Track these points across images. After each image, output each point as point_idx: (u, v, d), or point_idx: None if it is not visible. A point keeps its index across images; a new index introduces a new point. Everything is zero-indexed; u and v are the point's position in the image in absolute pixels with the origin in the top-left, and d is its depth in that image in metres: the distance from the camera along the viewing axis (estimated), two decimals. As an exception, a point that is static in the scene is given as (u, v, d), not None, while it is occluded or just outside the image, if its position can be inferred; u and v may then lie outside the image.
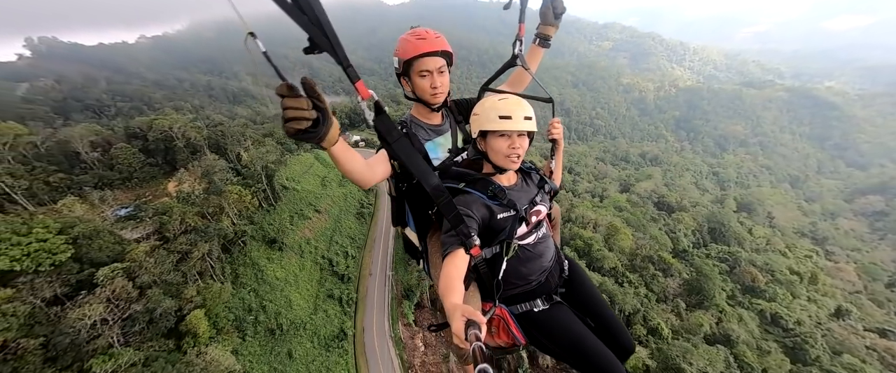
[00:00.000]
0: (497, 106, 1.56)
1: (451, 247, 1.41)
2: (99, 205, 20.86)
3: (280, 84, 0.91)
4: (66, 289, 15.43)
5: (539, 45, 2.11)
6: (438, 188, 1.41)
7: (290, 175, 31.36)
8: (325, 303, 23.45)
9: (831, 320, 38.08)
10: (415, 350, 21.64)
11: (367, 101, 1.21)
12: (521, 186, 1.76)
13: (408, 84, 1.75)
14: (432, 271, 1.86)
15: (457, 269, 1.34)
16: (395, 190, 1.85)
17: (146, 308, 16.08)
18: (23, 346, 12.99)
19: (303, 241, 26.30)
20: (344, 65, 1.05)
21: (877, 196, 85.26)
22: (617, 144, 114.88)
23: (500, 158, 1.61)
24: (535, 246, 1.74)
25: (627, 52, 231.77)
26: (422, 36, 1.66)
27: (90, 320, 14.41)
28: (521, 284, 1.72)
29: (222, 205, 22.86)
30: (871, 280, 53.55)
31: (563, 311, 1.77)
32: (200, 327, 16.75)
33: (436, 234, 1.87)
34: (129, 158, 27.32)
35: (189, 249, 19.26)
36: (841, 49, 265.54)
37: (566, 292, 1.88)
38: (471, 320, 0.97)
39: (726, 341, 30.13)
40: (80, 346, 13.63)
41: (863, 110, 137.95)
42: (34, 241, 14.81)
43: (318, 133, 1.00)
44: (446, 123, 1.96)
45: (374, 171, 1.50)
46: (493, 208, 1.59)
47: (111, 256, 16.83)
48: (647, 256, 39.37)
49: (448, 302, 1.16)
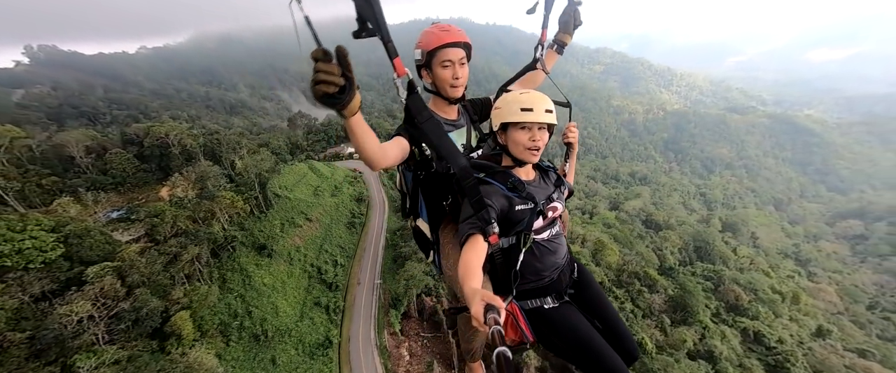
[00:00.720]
0: (519, 99, 1.61)
1: (469, 233, 1.43)
2: (92, 206, 21.10)
3: (315, 48, 0.97)
4: (55, 286, 15.54)
5: (556, 51, 2.23)
6: (466, 169, 1.45)
7: (283, 184, 31.86)
8: (312, 311, 23.50)
9: (812, 340, 38.72)
10: (400, 359, 21.67)
11: (403, 78, 1.28)
12: (539, 182, 1.79)
13: (429, 76, 1.79)
14: (444, 262, 1.88)
15: (476, 255, 1.36)
16: (411, 182, 1.88)
17: (133, 307, 16.22)
18: (9, 339, 13.04)
19: (292, 248, 26.54)
20: (385, 40, 1.13)
21: (856, 220, 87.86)
22: (607, 163, 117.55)
23: (520, 151, 1.64)
24: (549, 242, 1.76)
25: (618, 76, 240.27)
26: (445, 28, 1.72)
27: (77, 316, 14.55)
28: (533, 279, 1.73)
29: (214, 210, 23.21)
30: (852, 302, 54.69)
31: (572, 310, 1.79)
32: (185, 328, 16.78)
33: (448, 226, 1.89)
34: (123, 164, 27.68)
35: (179, 251, 19.48)
36: (819, 79, 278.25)
37: (574, 294, 1.90)
38: (490, 305, 0.98)
39: (709, 358, 30.52)
40: (65, 342, 13.68)
41: (841, 138, 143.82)
42: (27, 238, 15.05)
43: (343, 100, 1.06)
44: (462, 119, 1.98)
45: (386, 152, 1.51)
46: (513, 200, 1.60)
47: (101, 255, 17.04)
48: (634, 272, 40.02)
49: (467, 287, 1.18)
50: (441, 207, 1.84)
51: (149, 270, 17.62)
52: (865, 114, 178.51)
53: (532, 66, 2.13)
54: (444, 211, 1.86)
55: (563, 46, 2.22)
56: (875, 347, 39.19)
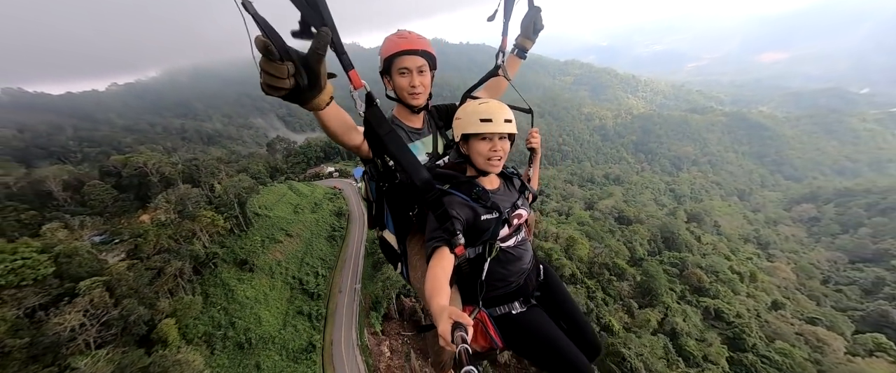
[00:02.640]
0: (478, 110, 1.61)
1: (435, 246, 1.43)
2: (78, 230, 22.10)
3: (257, 36, 0.84)
4: (47, 299, 16.60)
5: (517, 56, 2.20)
6: (428, 182, 1.47)
7: (262, 203, 33.25)
8: (295, 319, 24.67)
9: (768, 313, 42.04)
10: (380, 356, 23.00)
11: (360, 91, 1.27)
12: (503, 190, 1.79)
13: (389, 83, 1.76)
14: (411, 274, 1.87)
15: (443, 270, 1.35)
16: (375, 192, 1.85)
17: (121, 315, 17.30)
18: (9, 345, 14.15)
19: (273, 262, 27.78)
20: (339, 51, 1.11)
21: (809, 204, 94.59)
22: (583, 167, 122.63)
23: (481, 161, 1.64)
24: (515, 249, 1.76)
25: (587, 85, 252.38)
26: (404, 35, 1.70)
27: (69, 325, 15.57)
28: (501, 286, 1.73)
29: (194, 230, 24.45)
30: (807, 278, 59.07)
31: (538, 314, 1.80)
32: (171, 334, 17.82)
33: (415, 236, 1.87)
34: (101, 195, 28.55)
35: (163, 266, 20.66)
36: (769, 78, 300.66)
37: (541, 296, 1.91)
38: (458, 322, 0.98)
39: (672, 335, 33.04)
40: (60, 347, 14.79)
41: (790, 130, 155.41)
42: (19, 258, 16.23)
43: (301, 97, 0.97)
44: (426, 127, 1.95)
45: (361, 133, 1.49)
46: (477, 210, 1.61)
47: (90, 272, 18.18)
48: (603, 264, 42.72)
49: (435, 304, 1.17)
50: (407, 217, 1.82)
51: (136, 284, 18.80)
52: (810, 107, 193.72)
53: (494, 72, 2.14)
54: (411, 222, 1.83)
55: (524, 51, 2.20)
56: (823, 315, 42.86)
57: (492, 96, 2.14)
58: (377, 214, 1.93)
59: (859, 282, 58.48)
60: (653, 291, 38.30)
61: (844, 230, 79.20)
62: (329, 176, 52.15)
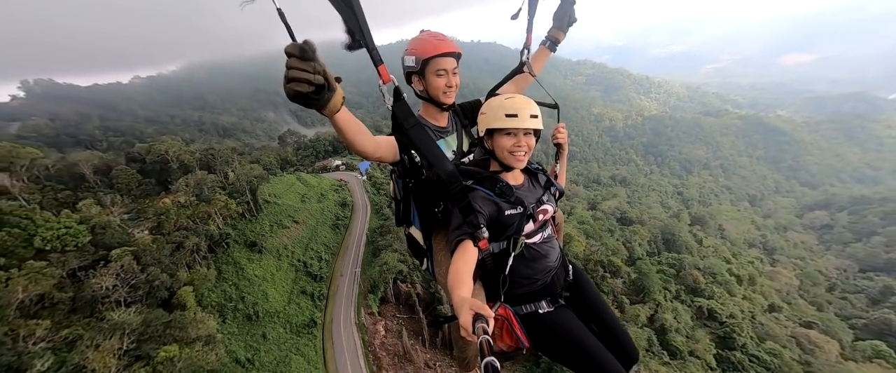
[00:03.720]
0: (504, 104, 1.59)
1: (459, 239, 1.43)
2: (109, 207, 24.77)
3: (290, 43, 0.92)
4: (86, 262, 19.27)
5: (548, 48, 2.24)
6: (453, 174, 1.47)
7: (272, 192, 35.51)
8: (299, 297, 26.75)
9: (763, 315, 42.29)
10: (376, 333, 24.85)
11: (388, 85, 1.31)
12: (527, 186, 1.78)
13: (421, 83, 1.79)
14: (437, 270, 1.89)
15: (466, 263, 1.35)
16: (402, 189, 1.87)
17: (147, 280, 19.95)
18: (57, 297, 16.68)
19: (281, 246, 29.94)
20: (370, 47, 1.17)
21: (822, 211, 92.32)
22: (589, 167, 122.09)
23: (506, 156, 1.63)
24: (540, 245, 1.74)
25: (599, 86, 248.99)
26: (440, 37, 1.74)
27: (103, 285, 18.15)
28: (526, 283, 1.71)
29: (210, 212, 26.78)
30: (812, 284, 58.41)
31: (567, 314, 1.76)
32: (189, 300, 20.19)
33: (441, 233, 1.88)
34: (127, 179, 31.23)
35: (182, 241, 23.11)
36: (792, 82, 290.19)
37: (570, 297, 1.87)
38: (479, 314, 0.98)
39: (661, 330, 33.93)
40: (97, 302, 17.31)
41: (809, 135, 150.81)
42: (63, 227, 18.87)
43: (322, 99, 1.02)
44: (451, 125, 1.98)
45: (378, 144, 1.50)
46: (501, 205, 1.60)
47: (120, 242, 20.82)
48: (599, 261, 43.64)
49: (456, 295, 1.18)
50: (433, 214, 1.85)
51: (159, 254, 21.32)
52: (832, 112, 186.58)
53: (519, 69, 2.15)
54: (437, 218, 1.86)
55: (556, 43, 2.21)
56: (820, 319, 42.83)
57: (517, 90, 2.16)
58: (404, 212, 1.94)
59: (867, 291, 57.46)
60: (645, 289, 39.14)
61: (857, 239, 77.11)
62: (336, 169, 54.34)
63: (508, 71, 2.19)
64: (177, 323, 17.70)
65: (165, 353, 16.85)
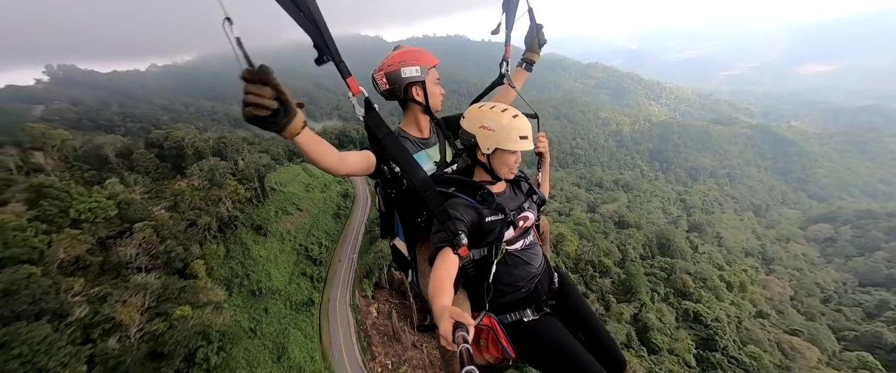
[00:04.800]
0: (515, 125, 1.60)
1: (438, 247, 1.43)
2: (132, 186, 27.31)
3: (245, 68, 0.94)
4: (112, 232, 21.91)
5: (525, 69, 2.35)
6: (426, 181, 1.48)
7: (278, 180, 37.69)
8: (299, 279, 28.83)
9: (750, 320, 43.13)
10: (368, 314, 26.78)
11: (358, 97, 1.32)
12: (509, 194, 1.81)
13: (420, 92, 1.84)
14: (421, 281, 1.89)
15: (447, 271, 1.35)
16: (384, 201, 1.90)
17: (165, 250, 22.46)
18: (90, 260, 19.16)
19: (284, 231, 32.07)
20: (336, 60, 1.17)
21: (827, 224, 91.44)
22: (593, 171, 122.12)
23: (505, 172, 1.69)
24: (523, 252, 1.76)
25: (608, 90, 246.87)
26: (424, 49, 1.86)
27: (127, 253, 21.02)
28: (510, 291, 1.72)
29: (220, 196, 29.05)
30: (806, 295, 58.61)
31: (553, 322, 1.76)
32: (200, 272, 22.49)
33: (425, 243, 1.85)
34: (147, 162, 33.66)
35: (195, 219, 25.46)
36: (808, 92, 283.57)
37: (556, 305, 1.88)
38: (459, 322, 0.98)
39: (644, 329, 35.19)
40: (122, 267, 19.82)
41: (820, 147, 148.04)
42: (94, 201, 21.40)
43: (278, 123, 1.03)
44: (433, 136, 2.01)
45: (345, 161, 1.51)
46: (482, 212, 1.62)
47: (141, 217, 23.54)
48: (589, 261, 44.91)
49: (437, 304, 1.17)
50: (417, 224, 1.85)
51: (175, 229, 23.71)
52: (847, 125, 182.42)
53: (499, 82, 2.21)
54: (420, 229, 1.86)
55: (531, 64, 2.33)
56: (807, 328, 43.50)
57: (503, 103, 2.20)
58: (388, 223, 1.96)
59: (864, 305, 57.43)
60: (633, 289, 40.35)
61: (860, 253, 76.40)
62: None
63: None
64: (190, 289, 20.22)
65: (180, 312, 19.42)
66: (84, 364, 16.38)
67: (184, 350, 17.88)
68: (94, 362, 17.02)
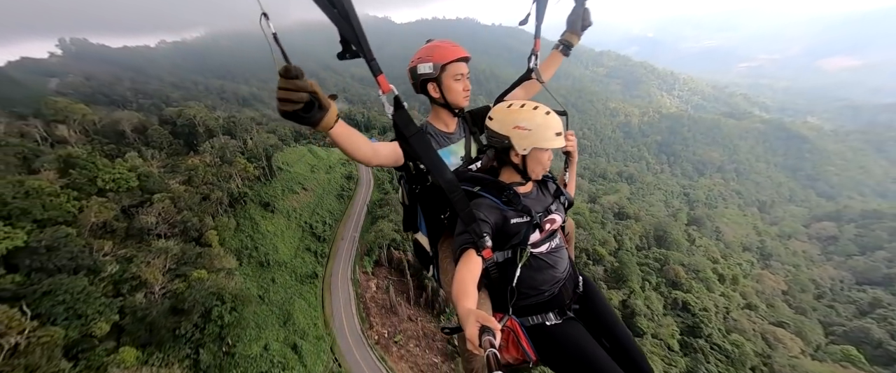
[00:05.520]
0: (548, 122, 1.57)
1: (462, 248, 1.42)
2: (149, 160, 29.20)
3: (283, 65, 0.98)
4: (135, 202, 24.52)
5: (561, 52, 2.20)
6: (452, 183, 1.43)
7: (285, 160, 39.19)
8: (303, 253, 30.72)
9: (738, 311, 44.36)
10: (368, 289, 28.68)
11: (388, 95, 1.29)
12: (536, 195, 1.76)
13: (436, 89, 1.82)
14: (442, 278, 1.87)
15: (470, 273, 1.33)
16: (408, 195, 1.88)
17: (181, 220, 24.60)
18: (116, 225, 21.38)
19: (290, 208, 33.80)
20: (368, 57, 1.15)
21: (830, 222, 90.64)
22: (597, 161, 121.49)
23: (539, 171, 1.65)
24: (548, 255, 1.71)
25: (620, 79, 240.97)
26: (454, 43, 1.80)
27: (148, 221, 23.56)
28: (533, 294, 1.69)
29: (230, 173, 30.77)
30: (800, 291, 59.36)
31: (576, 327, 1.72)
32: (213, 241, 24.47)
33: (447, 240, 1.87)
34: (160, 138, 35.29)
35: (208, 193, 27.39)
36: (830, 87, 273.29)
37: (580, 310, 1.83)
38: (485, 326, 0.97)
39: (631, 314, 36.67)
40: (144, 233, 21.99)
41: (834, 145, 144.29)
42: (117, 173, 23.38)
43: (312, 117, 1.06)
44: (460, 131, 1.99)
45: (377, 151, 1.52)
46: (507, 213, 1.58)
47: (159, 189, 25.65)
48: (584, 249, 46.14)
49: (461, 307, 1.16)
50: (440, 220, 1.83)
51: (190, 201, 25.69)
52: (867, 123, 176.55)
53: (527, 76, 2.13)
54: (443, 225, 1.84)
55: (569, 47, 2.19)
56: (793, 321, 44.63)
57: (527, 96, 2.16)
58: (411, 217, 1.96)
59: (858, 302, 58.03)
60: (624, 277, 41.65)
61: (861, 252, 76.08)
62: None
63: (527, 57, 2.17)
64: (205, 255, 22.41)
65: (198, 274, 21.68)
66: (116, 314, 18.80)
67: (201, 308, 20.10)
68: (124, 312, 19.43)
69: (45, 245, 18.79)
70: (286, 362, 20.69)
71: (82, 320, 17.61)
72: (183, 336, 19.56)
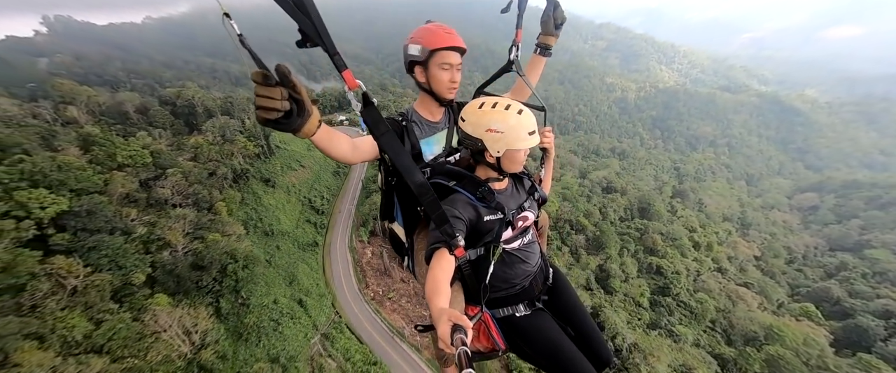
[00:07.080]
0: (521, 122, 1.54)
1: (434, 247, 1.42)
2: (158, 139, 31.47)
3: (254, 71, 0.91)
4: (151, 176, 27.54)
5: (540, 54, 2.13)
6: (423, 186, 1.42)
7: (282, 139, 41.16)
8: (304, 225, 33.59)
9: (708, 274, 48.11)
10: (364, 255, 31.85)
11: (355, 91, 1.24)
12: (510, 191, 1.76)
13: (423, 74, 1.74)
14: (417, 269, 1.89)
15: (443, 271, 1.34)
16: (384, 183, 1.85)
17: (193, 192, 27.28)
18: (138, 196, 24.81)
19: (290, 184, 36.30)
20: (331, 53, 1.08)
21: (813, 193, 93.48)
22: (591, 138, 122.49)
23: (514, 168, 1.64)
24: (520, 251, 1.75)
25: (619, 53, 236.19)
26: (449, 30, 1.70)
27: (164, 193, 26.71)
28: (504, 288, 1.73)
29: (232, 151, 33.07)
30: (773, 257, 63.16)
31: (544, 318, 1.78)
32: (223, 212, 27.32)
33: (423, 231, 1.87)
34: (162, 118, 37.06)
35: (214, 169, 30.00)
36: (831, 58, 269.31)
37: (548, 300, 1.88)
38: (457, 325, 0.99)
39: (607, 276, 40.17)
40: (162, 204, 25.04)
41: (827, 117, 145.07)
42: (133, 150, 25.99)
43: (292, 124, 1.00)
44: (444, 121, 1.95)
45: (358, 150, 1.50)
46: (480, 210, 1.59)
47: (171, 165, 28.41)
48: (568, 220, 49.18)
49: (434, 306, 1.17)
50: (416, 212, 1.84)
51: (199, 176, 28.36)
52: (863, 94, 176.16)
53: (507, 68, 2.08)
54: (419, 216, 1.86)
55: (546, 49, 2.13)
56: (758, 282, 48.52)
57: (519, 97, 2.11)
58: (387, 206, 1.93)
59: (826, 266, 61.73)
60: (603, 244, 44.92)
61: (838, 220, 79.21)
62: (340, 124, 59.01)
63: (524, 33, 2.05)
64: (217, 222, 25.44)
65: (213, 237, 25.10)
66: (148, 267, 22.55)
67: (218, 264, 23.70)
68: (155, 266, 23.13)
69: (85, 210, 22.14)
70: (293, 313, 23.97)
71: (123, 271, 21.33)
72: (205, 287, 23.38)
